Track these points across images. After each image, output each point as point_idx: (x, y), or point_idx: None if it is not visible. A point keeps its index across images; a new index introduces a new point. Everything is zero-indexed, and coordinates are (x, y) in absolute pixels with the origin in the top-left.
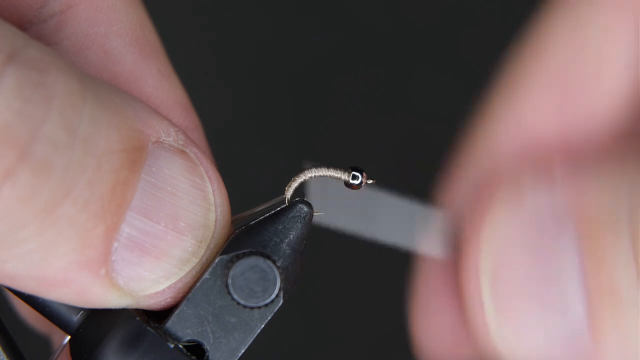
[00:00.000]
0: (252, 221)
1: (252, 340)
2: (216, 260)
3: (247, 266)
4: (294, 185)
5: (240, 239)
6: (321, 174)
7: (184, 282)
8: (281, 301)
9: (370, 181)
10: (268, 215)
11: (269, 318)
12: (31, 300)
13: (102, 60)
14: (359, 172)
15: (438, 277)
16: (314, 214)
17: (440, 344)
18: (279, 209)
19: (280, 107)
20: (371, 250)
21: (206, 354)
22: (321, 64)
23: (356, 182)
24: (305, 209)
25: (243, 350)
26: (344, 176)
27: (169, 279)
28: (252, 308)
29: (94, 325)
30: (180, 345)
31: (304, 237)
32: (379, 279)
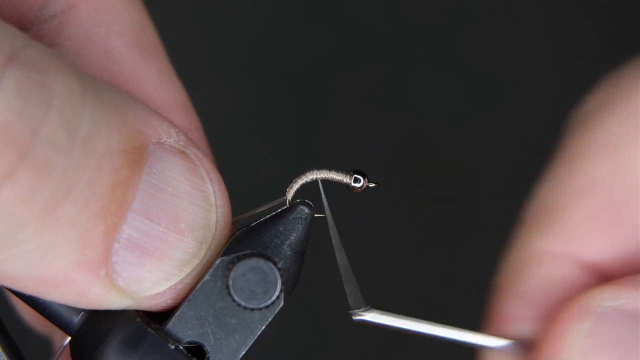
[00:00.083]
0: (253, 222)
1: (253, 341)
2: (217, 262)
3: (248, 268)
4: (295, 187)
5: (241, 240)
6: (323, 177)
7: (185, 284)
8: (282, 303)
9: (372, 185)
10: (269, 216)
11: (270, 320)
12: (32, 301)
13: (103, 60)
14: (361, 176)
15: None
16: (315, 215)
17: None
18: (280, 210)
19: (280, 107)
20: (371, 250)
21: (207, 356)
22: (321, 64)
23: (358, 186)
24: (307, 210)
25: (244, 352)
26: (346, 179)
27: (169, 280)
28: (253, 309)
29: (95, 327)
30: (181, 347)
31: (305, 239)
32: (379, 280)
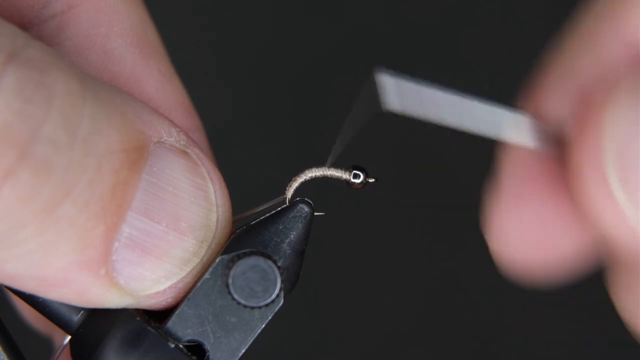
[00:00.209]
0: (253, 221)
1: (253, 340)
2: (217, 260)
3: (248, 266)
4: (295, 185)
5: (241, 238)
6: (322, 174)
7: (185, 282)
8: (282, 301)
9: (372, 180)
10: (269, 215)
11: (270, 318)
12: (31, 300)
13: (103, 60)
14: (361, 171)
15: (527, 169)
16: (315, 214)
17: (522, 246)
18: (279, 209)
19: (280, 107)
20: (371, 250)
21: (207, 354)
22: (321, 64)
23: (357, 181)
24: (306, 209)
25: (243, 350)
26: (346, 175)
27: (169, 279)
28: (253, 308)
29: (95, 325)
30: (181, 345)
31: (305, 237)
32: (380, 280)
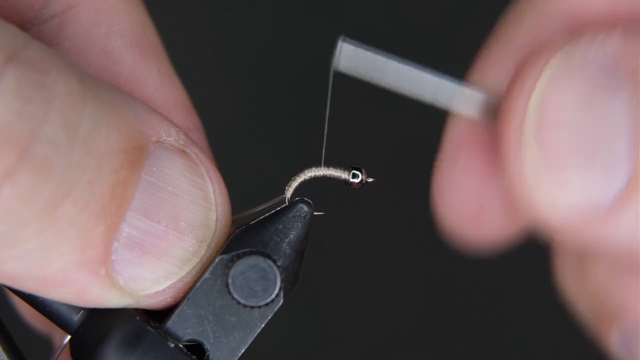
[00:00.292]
0: (253, 221)
1: (253, 339)
2: (216, 260)
3: (248, 266)
4: (294, 184)
5: (241, 238)
6: (321, 173)
7: (185, 282)
8: (281, 301)
9: (371, 179)
10: (268, 214)
11: (269, 317)
12: (31, 299)
13: (103, 60)
14: (359, 171)
15: (469, 139)
16: (315, 213)
17: (464, 209)
18: (279, 208)
19: (280, 107)
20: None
21: (206, 354)
22: (321, 64)
23: (356, 181)
24: (306, 208)
25: (243, 350)
26: (344, 175)
27: (169, 279)
28: (253, 307)
29: (94, 325)
30: (181, 345)
31: (304, 237)
32: (379, 280)
